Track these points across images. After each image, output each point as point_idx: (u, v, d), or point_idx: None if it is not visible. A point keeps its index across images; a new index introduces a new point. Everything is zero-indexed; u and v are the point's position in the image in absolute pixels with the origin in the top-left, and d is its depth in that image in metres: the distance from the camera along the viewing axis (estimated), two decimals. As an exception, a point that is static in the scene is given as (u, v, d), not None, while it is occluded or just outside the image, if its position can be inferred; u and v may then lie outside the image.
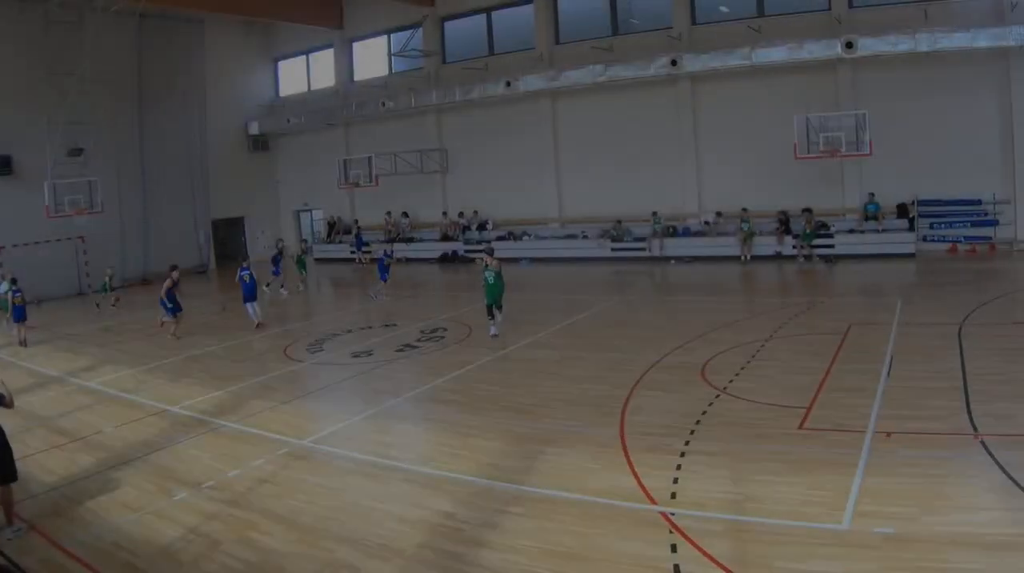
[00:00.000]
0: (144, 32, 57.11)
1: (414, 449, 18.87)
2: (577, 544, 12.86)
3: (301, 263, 46.46)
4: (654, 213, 50.30)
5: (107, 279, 43.39)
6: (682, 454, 16.25)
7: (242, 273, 35.26)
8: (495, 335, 29.11)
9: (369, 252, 44.65)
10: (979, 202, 43.55)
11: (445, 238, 58.54)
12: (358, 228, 62.11)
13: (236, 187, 65.87)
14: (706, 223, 49.63)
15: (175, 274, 33.96)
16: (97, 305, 43.48)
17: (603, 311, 34.32)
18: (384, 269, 42.31)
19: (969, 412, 17.31)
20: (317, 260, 63.02)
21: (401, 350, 28.80)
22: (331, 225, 65.93)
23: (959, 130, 43.13)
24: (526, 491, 15.18)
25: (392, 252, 46.13)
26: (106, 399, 24.84)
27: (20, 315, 34.58)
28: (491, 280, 28.84)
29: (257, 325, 34.43)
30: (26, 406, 22.87)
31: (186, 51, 61.33)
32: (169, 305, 33.46)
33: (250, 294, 34.95)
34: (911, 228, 44.28)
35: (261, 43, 69.16)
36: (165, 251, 57.54)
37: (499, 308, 29.32)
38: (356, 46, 65.53)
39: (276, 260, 44.49)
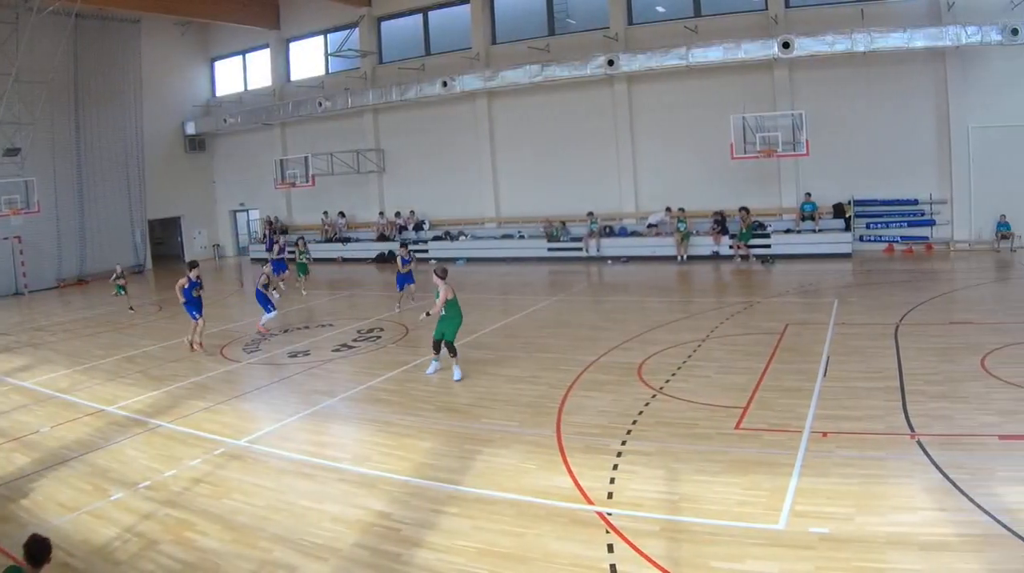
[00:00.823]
0: (80, 32, 55.39)
1: (350, 449, 18.47)
2: (514, 544, 12.71)
3: (303, 267, 43.46)
4: (589, 213, 49.54)
5: (117, 276, 40.92)
6: (619, 454, 16.03)
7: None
8: (433, 373, 23.96)
9: (303, 253, 42.98)
10: (916, 202, 43.56)
11: (382, 238, 57.39)
12: (270, 229, 60.79)
13: (173, 187, 64.59)
14: (650, 226, 48.61)
15: (193, 273, 32.06)
16: (131, 308, 41.53)
17: (540, 311, 33.81)
18: (279, 264, 42.28)
19: (905, 412, 17.22)
20: (253, 260, 61.57)
21: (338, 350, 28.26)
22: (268, 225, 63.71)
23: (896, 130, 43.26)
24: (462, 491, 14.97)
25: (284, 247, 45.61)
26: (42, 399, 24.13)
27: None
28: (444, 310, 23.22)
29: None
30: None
31: (122, 51, 59.91)
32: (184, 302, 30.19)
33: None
34: (848, 228, 44.01)
35: (198, 43, 67.72)
36: (101, 251, 57.55)
37: (451, 347, 23.29)
38: (293, 46, 64.33)
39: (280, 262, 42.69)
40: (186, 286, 29.01)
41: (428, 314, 23.66)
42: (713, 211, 46.63)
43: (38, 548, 10.25)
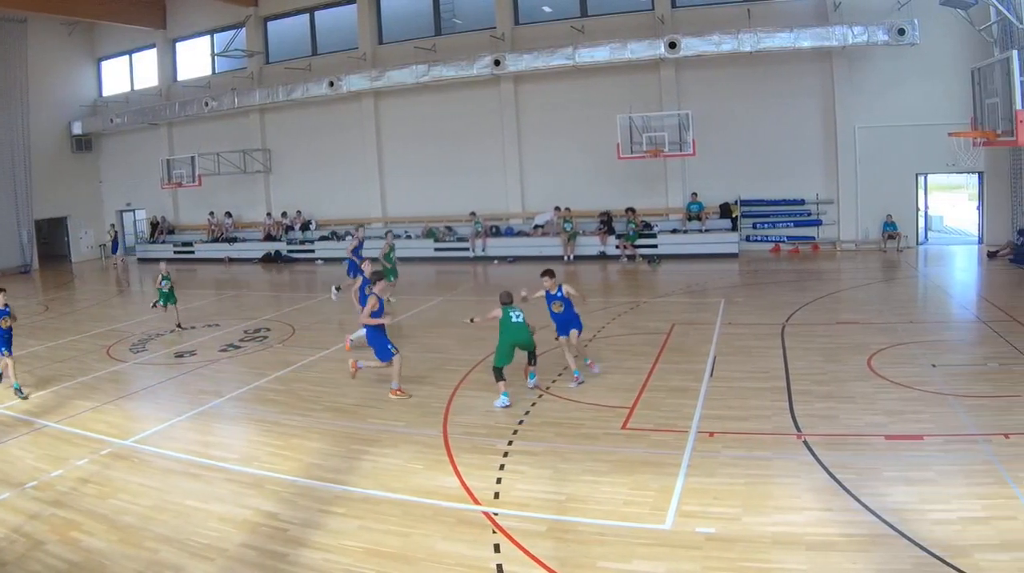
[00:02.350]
0: (-35, 31, 52.93)
1: (237, 449, 17.69)
2: (400, 544, 12.40)
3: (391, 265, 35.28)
4: (472, 213, 48.68)
5: (162, 277, 32.29)
6: (505, 454, 15.75)
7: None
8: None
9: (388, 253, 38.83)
10: (802, 202, 43.37)
11: (269, 238, 55.63)
12: (115, 232, 59.20)
13: (59, 187, 61.84)
14: (536, 227, 47.70)
15: (360, 231, 30.54)
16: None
17: (426, 311, 33.10)
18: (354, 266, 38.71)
19: (792, 412, 17.11)
20: (140, 260, 59.57)
21: (224, 350, 27.32)
22: (154, 225, 62.37)
23: (783, 130, 43.14)
24: (349, 491, 14.59)
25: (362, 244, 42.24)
26: (-75, 401, 23.00)
27: None
28: (515, 318, 19.97)
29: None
30: None
31: (8, 51, 57.21)
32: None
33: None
34: (734, 228, 43.54)
35: (84, 43, 64.78)
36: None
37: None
38: (179, 46, 61.90)
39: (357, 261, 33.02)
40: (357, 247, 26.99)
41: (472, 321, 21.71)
42: (600, 211, 45.99)
43: None
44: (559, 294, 21.08)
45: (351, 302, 27.50)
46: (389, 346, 20.09)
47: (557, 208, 46.73)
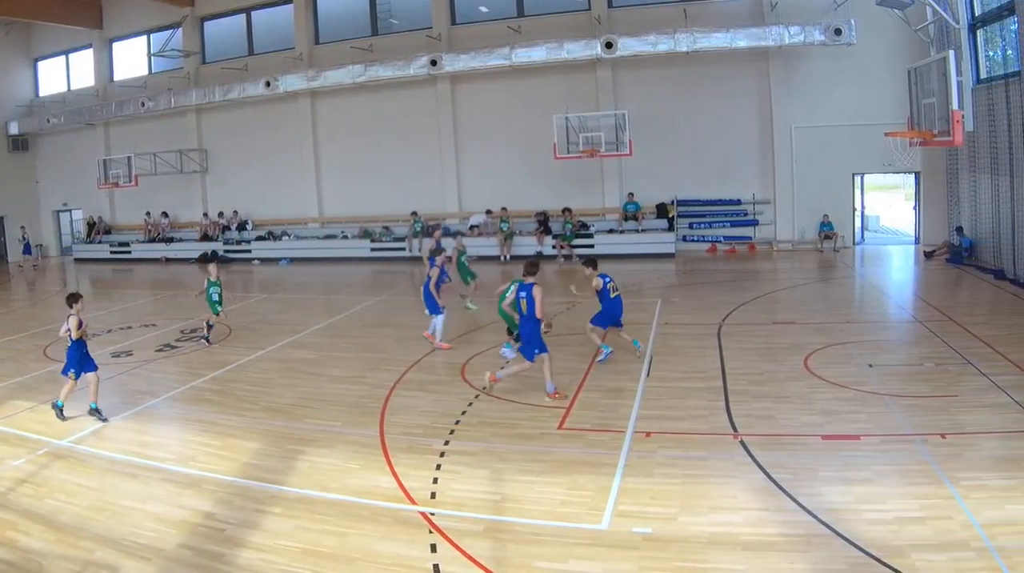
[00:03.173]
0: (-100, 31, 51.26)
1: (173, 449, 17.19)
2: (337, 544, 12.12)
3: (464, 267, 32.56)
4: (413, 213, 47.79)
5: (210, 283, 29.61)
6: (442, 454, 15.54)
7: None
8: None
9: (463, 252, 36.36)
10: (739, 202, 43.22)
11: (205, 238, 54.66)
12: (25, 233, 56.75)
13: (-5, 187, 60.95)
14: (472, 227, 46.99)
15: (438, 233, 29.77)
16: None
17: (363, 311, 32.56)
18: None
19: (728, 412, 16.96)
20: (77, 260, 59.00)
21: (161, 350, 26.66)
22: (91, 225, 61.24)
23: (720, 130, 43.03)
24: (286, 491, 14.30)
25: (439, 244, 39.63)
26: None
27: None
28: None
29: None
30: None
31: (-56, 50, 55.98)
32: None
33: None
34: (671, 228, 43.28)
35: (20, 43, 63.22)
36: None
37: None
38: (116, 46, 60.62)
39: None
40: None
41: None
42: (536, 211, 45.61)
43: None
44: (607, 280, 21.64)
45: (292, 302, 27.02)
46: (536, 349, 19.16)
47: (489, 211, 46.41)
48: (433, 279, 24.88)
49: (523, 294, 19.08)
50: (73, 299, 18.61)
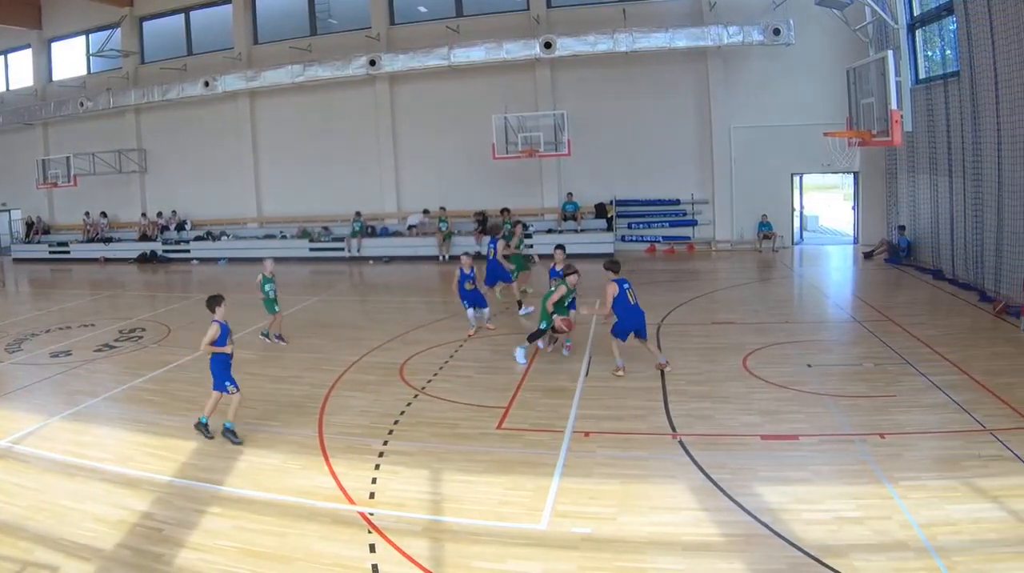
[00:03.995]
0: None
1: (113, 449, 16.86)
2: (276, 544, 12.10)
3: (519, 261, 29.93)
4: (357, 213, 47.17)
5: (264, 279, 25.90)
6: (381, 454, 15.46)
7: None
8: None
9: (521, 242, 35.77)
10: (678, 202, 42.75)
11: (144, 238, 53.63)
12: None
13: (-67, 186, 59.51)
14: (411, 228, 46.43)
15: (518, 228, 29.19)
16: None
17: (302, 311, 32.07)
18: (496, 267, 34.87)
19: (667, 412, 16.91)
20: (16, 260, 57.57)
21: (100, 350, 26.05)
22: (29, 225, 60.03)
23: (659, 130, 42.66)
24: (225, 491, 14.22)
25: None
26: None
27: None
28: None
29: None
30: None
31: None
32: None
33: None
34: (610, 228, 42.79)
35: (-42, 43, 62.56)
36: None
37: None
38: (55, 46, 59.39)
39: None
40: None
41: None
42: (475, 211, 45.02)
43: None
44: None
45: (230, 302, 26.61)
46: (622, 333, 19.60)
47: (426, 211, 46.04)
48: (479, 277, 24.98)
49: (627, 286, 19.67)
50: (215, 302, 17.34)
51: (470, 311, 25.01)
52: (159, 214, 54.09)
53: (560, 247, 23.36)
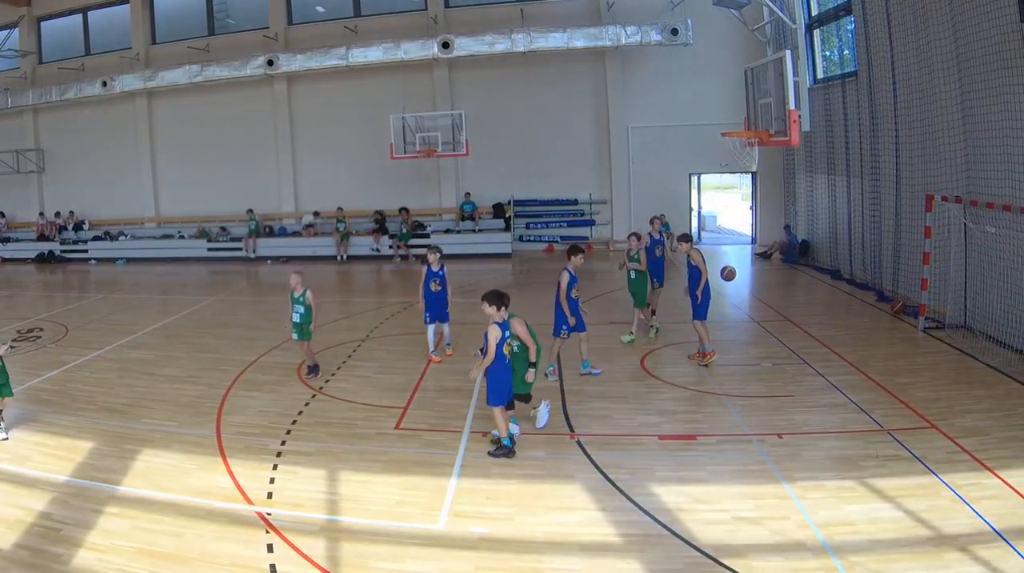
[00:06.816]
0: None
1: (9, 449, 16.35)
2: (174, 544, 11.81)
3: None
4: (249, 210, 45.48)
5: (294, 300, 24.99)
6: (278, 454, 15.26)
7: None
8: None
9: None
10: (575, 202, 42.01)
11: (42, 238, 51.26)
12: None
13: None
14: (307, 227, 44.74)
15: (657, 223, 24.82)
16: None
17: (199, 311, 31.18)
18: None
19: (565, 412, 16.83)
20: (-85, 262, 54.66)
21: None
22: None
23: (557, 130, 41.95)
24: (122, 491, 13.83)
25: None
26: None
27: None
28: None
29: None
30: None
31: None
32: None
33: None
34: (507, 228, 41.94)
35: None
36: None
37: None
38: (-48, 46, 57.46)
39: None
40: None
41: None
42: (373, 211, 43.71)
43: None
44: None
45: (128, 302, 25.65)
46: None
47: (316, 213, 44.98)
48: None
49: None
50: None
51: (430, 330, 21.54)
52: (57, 214, 51.38)
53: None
